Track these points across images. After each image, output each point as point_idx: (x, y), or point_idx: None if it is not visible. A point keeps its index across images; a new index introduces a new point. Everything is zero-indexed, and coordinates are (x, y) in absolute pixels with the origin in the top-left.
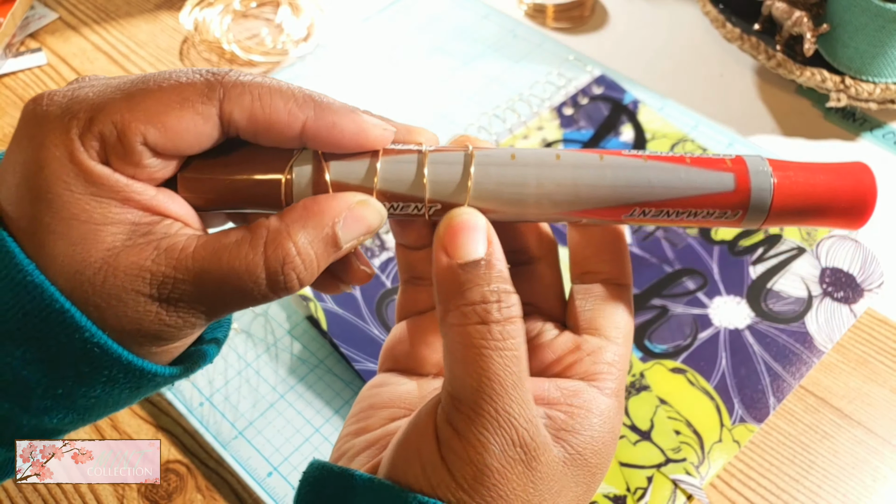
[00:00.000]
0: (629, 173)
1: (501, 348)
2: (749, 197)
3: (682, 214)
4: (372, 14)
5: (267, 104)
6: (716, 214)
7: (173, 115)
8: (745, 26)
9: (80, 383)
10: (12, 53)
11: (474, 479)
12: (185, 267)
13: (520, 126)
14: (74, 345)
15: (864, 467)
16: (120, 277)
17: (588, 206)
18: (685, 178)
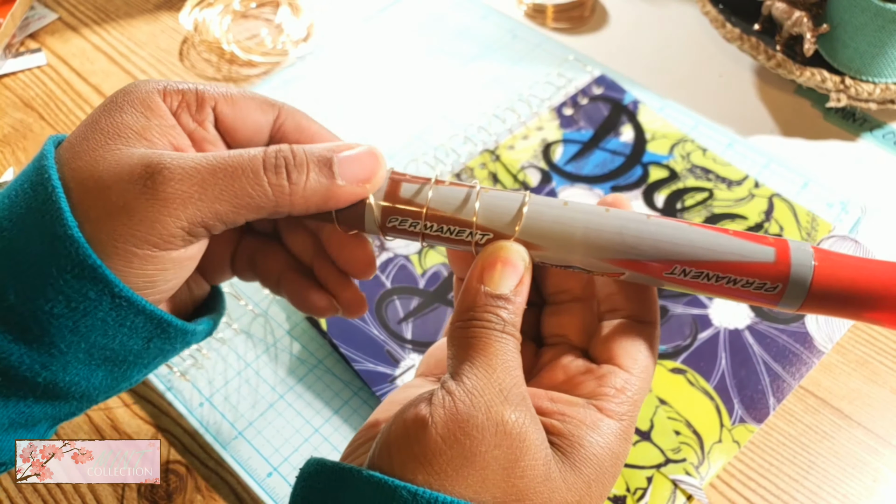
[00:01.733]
0: (673, 231)
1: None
2: (789, 271)
3: (721, 279)
4: (372, 14)
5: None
6: (754, 285)
7: (243, 101)
8: (744, 26)
9: (105, 335)
10: (12, 54)
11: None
12: (192, 157)
13: (519, 126)
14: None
15: (864, 468)
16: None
17: (630, 255)
18: (726, 244)
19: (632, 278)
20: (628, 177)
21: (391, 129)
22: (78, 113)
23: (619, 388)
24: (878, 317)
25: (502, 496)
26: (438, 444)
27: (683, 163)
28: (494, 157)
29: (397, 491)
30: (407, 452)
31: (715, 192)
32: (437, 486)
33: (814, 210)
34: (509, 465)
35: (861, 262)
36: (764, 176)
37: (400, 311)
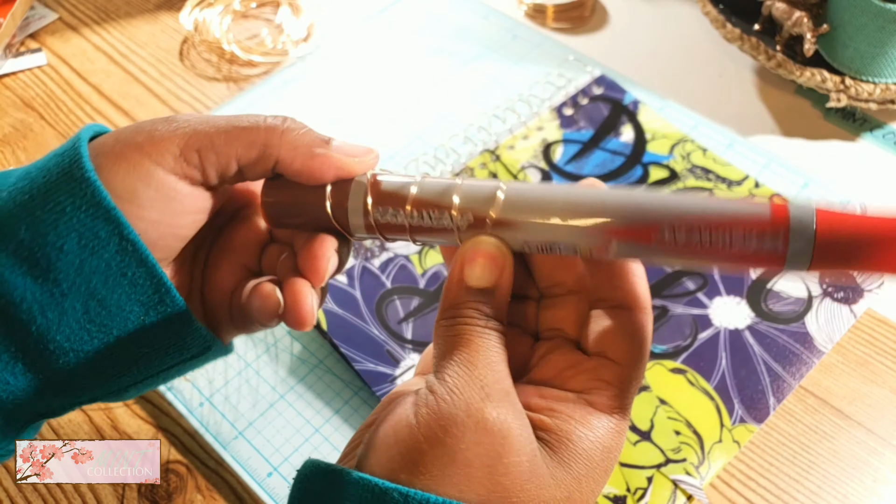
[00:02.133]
0: (659, 194)
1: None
2: (788, 221)
3: (717, 239)
4: (372, 14)
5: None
6: (754, 242)
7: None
8: (745, 27)
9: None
10: (12, 54)
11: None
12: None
13: (520, 126)
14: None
15: (865, 468)
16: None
17: (615, 222)
18: (717, 202)
19: (621, 253)
20: (628, 177)
21: (391, 129)
22: (78, 113)
23: (609, 380)
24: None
25: (487, 494)
26: (421, 444)
27: (683, 163)
28: (494, 157)
29: (388, 493)
30: (393, 452)
31: (715, 192)
32: (422, 485)
33: None
34: (492, 462)
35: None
36: (764, 176)
37: (400, 311)
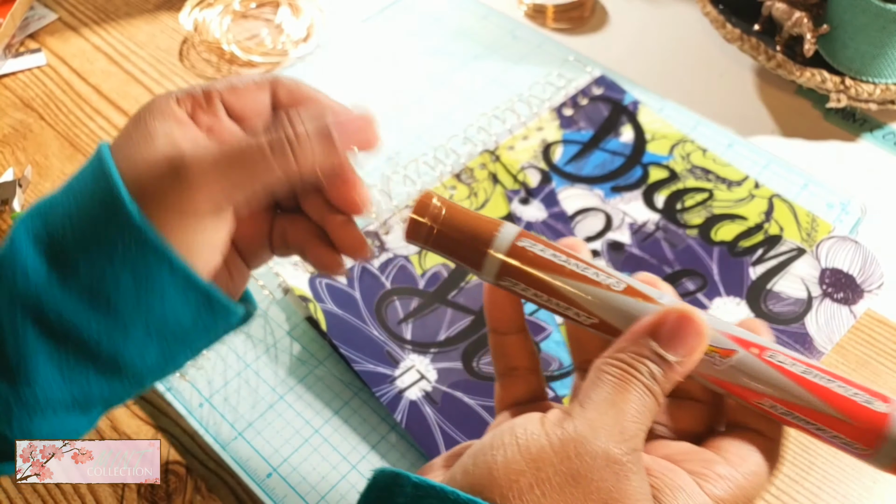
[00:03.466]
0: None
1: (644, 391)
2: (882, 441)
3: (809, 425)
4: (371, 15)
5: (301, 89)
6: (843, 441)
7: (240, 84)
8: (745, 27)
9: (163, 303)
10: (12, 54)
11: (564, 480)
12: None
13: (519, 127)
14: (163, 274)
15: (864, 468)
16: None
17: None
18: (827, 395)
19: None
20: (628, 177)
21: (391, 130)
22: (77, 113)
23: (722, 475)
24: None
25: None
26: (549, 455)
27: (683, 163)
28: (494, 157)
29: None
30: (513, 454)
31: (715, 192)
32: (536, 494)
33: (814, 210)
34: (611, 499)
35: None
36: (764, 176)
37: (400, 312)
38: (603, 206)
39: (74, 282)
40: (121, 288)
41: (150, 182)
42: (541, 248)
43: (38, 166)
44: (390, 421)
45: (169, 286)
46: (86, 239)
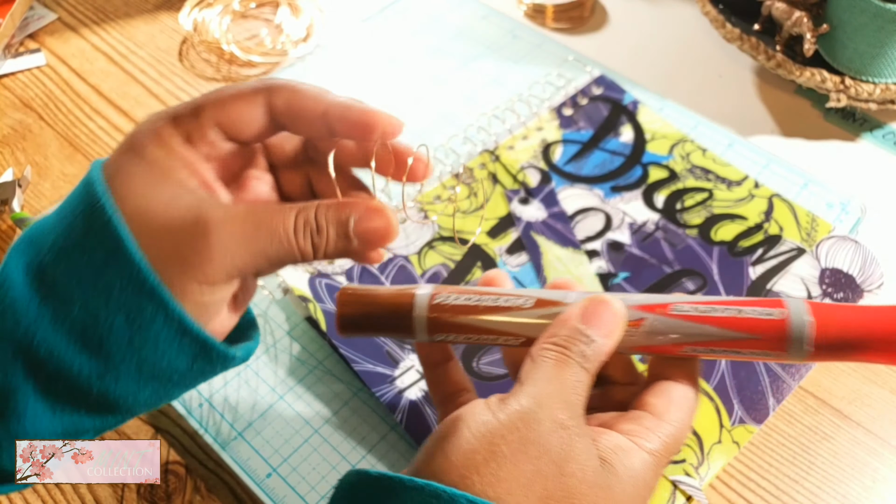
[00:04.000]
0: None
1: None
2: (788, 333)
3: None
4: (371, 14)
5: (300, 96)
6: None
7: (232, 105)
8: (744, 27)
9: (155, 350)
10: (11, 54)
11: (516, 448)
12: (233, 208)
13: (519, 126)
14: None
15: (864, 468)
16: (181, 208)
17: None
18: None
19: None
20: (628, 177)
21: None
22: (77, 113)
23: (651, 427)
24: (876, 359)
25: (552, 491)
26: (499, 430)
27: (683, 163)
28: (494, 157)
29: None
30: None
31: (715, 192)
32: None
33: (814, 210)
34: (561, 462)
35: (852, 312)
36: (764, 176)
37: None
38: (603, 206)
39: (67, 320)
40: (114, 331)
41: (164, 245)
42: (454, 296)
43: (37, 166)
44: (390, 421)
45: (162, 332)
46: (81, 276)
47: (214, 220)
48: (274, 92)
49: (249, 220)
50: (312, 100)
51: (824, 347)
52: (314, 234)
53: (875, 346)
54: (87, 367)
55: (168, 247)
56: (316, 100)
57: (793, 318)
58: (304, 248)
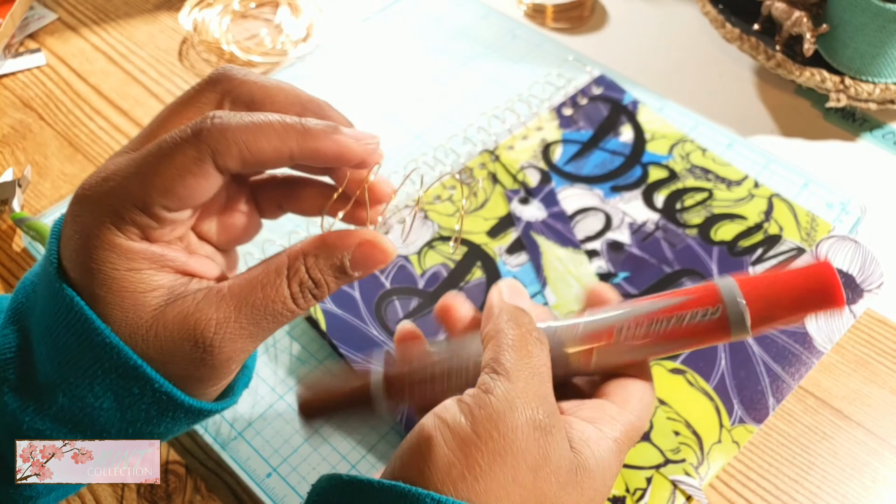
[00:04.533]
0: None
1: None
2: (721, 296)
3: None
4: (371, 14)
5: (254, 149)
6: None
7: (179, 183)
8: (744, 26)
9: (148, 423)
10: (11, 54)
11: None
12: (225, 305)
13: (519, 126)
14: (146, 394)
15: (864, 468)
16: (169, 329)
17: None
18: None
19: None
20: (628, 177)
21: (391, 130)
22: (77, 113)
23: (614, 416)
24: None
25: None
26: (474, 441)
27: (683, 163)
28: (494, 157)
29: (421, 499)
30: (440, 447)
31: (714, 192)
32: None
33: (813, 210)
34: (537, 466)
35: (779, 281)
36: (764, 176)
37: (399, 312)
38: (602, 206)
39: (53, 407)
40: (104, 411)
41: (168, 369)
42: (400, 364)
43: (37, 166)
44: (390, 421)
45: (153, 408)
46: (64, 366)
47: (211, 333)
48: (220, 151)
49: (244, 311)
50: (271, 148)
51: (763, 323)
52: (313, 290)
53: (807, 306)
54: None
55: (175, 371)
56: (275, 147)
57: (730, 311)
58: (307, 306)
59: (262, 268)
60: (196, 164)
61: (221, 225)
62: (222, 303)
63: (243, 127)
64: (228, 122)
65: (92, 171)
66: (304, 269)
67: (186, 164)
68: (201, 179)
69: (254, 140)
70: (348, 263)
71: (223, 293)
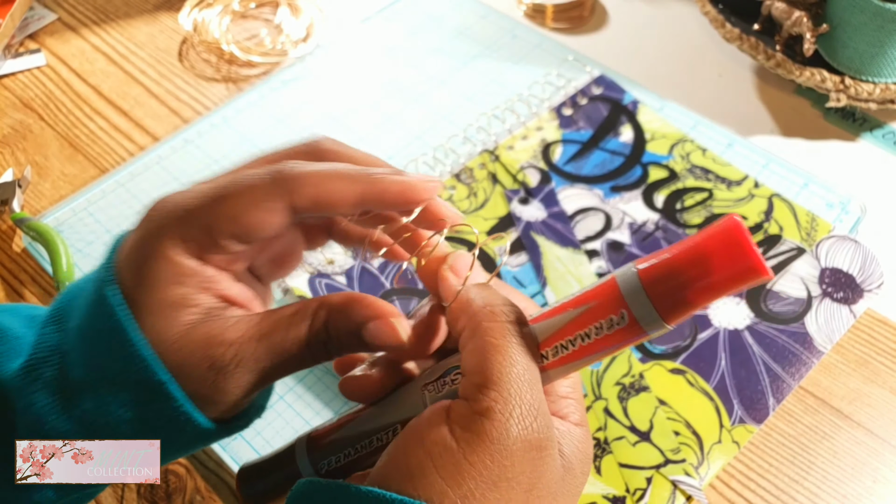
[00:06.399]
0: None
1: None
2: (619, 291)
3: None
4: (371, 14)
5: (327, 189)
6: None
7: (249, 214)
8: (744, 26)
9: (163, 441)
10: (11, 54)
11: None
12: (248, 335)
13: (519, 126)
14: (166, 412)
15: (864, 468)
16: (192, 346)
17: None
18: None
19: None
20: (628, 177)
21: (391, 130)
22: (77, 113)
23: (567, 395)
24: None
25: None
26: (466, 468)
27: (683, 163)
28: (494, 157)
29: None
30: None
31: (714, 192)
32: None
33: (814, 210)
34: (531, 486)
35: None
36: (764, 176)
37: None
38: (602, 206)
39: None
40: (125, 423)
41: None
42: (325, 430)
43: (37, 167)
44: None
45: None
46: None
47: (228, 358)
48: (295, 190)
49: (264, 342)
50: (342, 191)
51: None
52: (328, 344)
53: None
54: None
55: (188, 388)
56: (346, 189)
57: (637, 315)
58: (320, 357)
59: (291, 308)
60: (270, 199)
61: (269, 257)
62: (247, 333)
63: (317, 170)
64: (304, 166)
65: (92, 171)
66: (323, 320)
67: (260, 197)
68: (271, 214)
69: (327, 181)
70: (364, 333)
71: (251, 324)
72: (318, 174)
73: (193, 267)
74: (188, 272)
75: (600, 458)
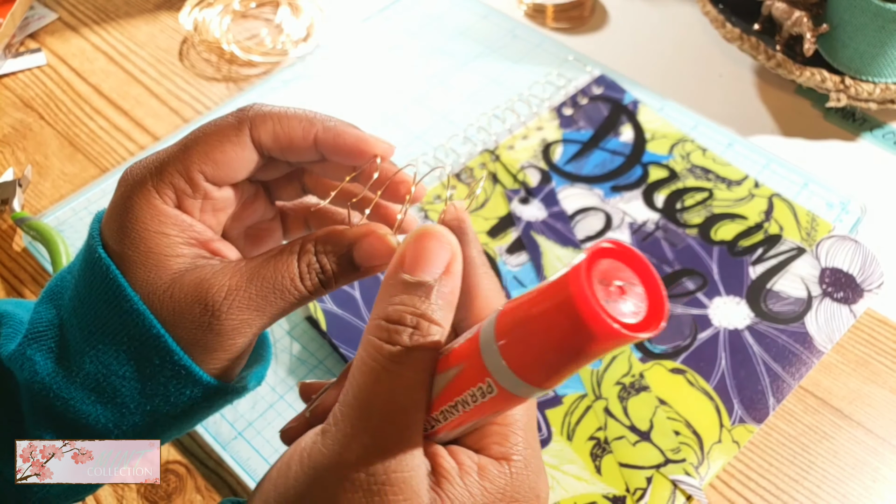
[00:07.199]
0: None
1: (394, 374)
2: (484, 364)
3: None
4: (371, 14)
5: (286, 125)
6: (479, 396)
7: (218, 150)
8: (744, 26)
9: (166, 402)
10: (12, 54)
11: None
12: (238, 275)
13: (519, 126)
14: (166, 366)
15: (864, 468)
16: (183, 291)
17: None
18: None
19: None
20: (628, 177)
21: (391, 130)
22: (77, 112)
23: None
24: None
25: None
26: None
27: (683, 163)
28: (494, 157)
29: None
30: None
31: (715, 191)
32: None
33: (814, 210)
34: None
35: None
36: (764, 176)
37: None
38: (603, 206)
39: (80, 373)
40: (126, 380)
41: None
42: None
43: (37, 166)
44: None
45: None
46: (93, 334)
47: (220, 298)
48: (257, 125)
49: (254, 283)
50: (300, 129)
51: (550, 381)
52: (319, 273)
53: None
54: (103, 416)
55: (183, 335)
56: (303, 128)
57: (504, 385)
58: (312, 288)
59: (278, 248)
60: (235, 134)
61: (249, 237)
62: (236, 273)
63: (277, 110)
64: (265, 107)
65: (92, 170)
66: (313, 251)
67: (226, 132)
68: (238, 148)
69: (286, 120)
70: (354, 255)
71: (240, 265)
72: (277, 113)
73: (173, 213)
74: (170, 219)
75: (600, 457)
